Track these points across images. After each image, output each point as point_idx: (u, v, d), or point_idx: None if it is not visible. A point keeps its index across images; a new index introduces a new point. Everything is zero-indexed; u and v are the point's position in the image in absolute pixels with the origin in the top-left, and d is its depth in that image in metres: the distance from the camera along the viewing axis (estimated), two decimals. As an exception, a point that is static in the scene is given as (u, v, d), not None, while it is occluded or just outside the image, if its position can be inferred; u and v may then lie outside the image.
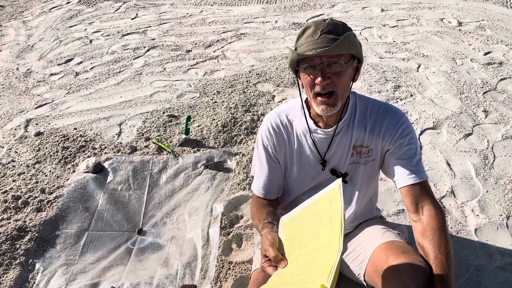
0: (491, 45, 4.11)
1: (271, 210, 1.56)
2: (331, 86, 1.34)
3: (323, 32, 1.32)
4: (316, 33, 1.32)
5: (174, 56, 4.07)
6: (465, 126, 2.89)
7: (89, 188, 2.41)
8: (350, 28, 1.37)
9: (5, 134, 2.95)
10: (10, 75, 3.87)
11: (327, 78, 1.33)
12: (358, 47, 1.37)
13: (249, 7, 5.51)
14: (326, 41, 1.30)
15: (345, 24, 1.37)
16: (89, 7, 5.68)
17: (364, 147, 1.50)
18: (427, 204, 1.41)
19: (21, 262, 1.99)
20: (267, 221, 1.45)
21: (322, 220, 1.20)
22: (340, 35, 1.31)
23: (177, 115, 3.07)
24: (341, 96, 1.37)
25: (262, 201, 1.60)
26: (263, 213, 1.53)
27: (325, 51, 1.28)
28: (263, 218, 1.48)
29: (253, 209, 1.60)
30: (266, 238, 1.32)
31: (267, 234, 1.35)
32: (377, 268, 1.40)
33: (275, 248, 1.27)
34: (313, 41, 1.32)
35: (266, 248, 1.29)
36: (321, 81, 1.33)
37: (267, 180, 1.59)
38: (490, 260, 1.94)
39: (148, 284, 1.89)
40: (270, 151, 1.57)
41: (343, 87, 1.37)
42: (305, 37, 1.35)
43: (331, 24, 1.33)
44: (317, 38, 1.32)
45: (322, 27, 1.32)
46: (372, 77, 3.55)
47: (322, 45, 1.30)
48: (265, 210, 1.55)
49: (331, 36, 1.31)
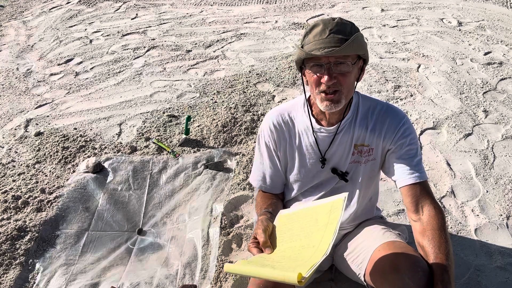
0: (491, 45, 4.11)
1: (275, 202, 1.59)
2: (336, 85, 1.35)
3: (331, 32, 1.31)
4: (325, 32, 1.32)
5: (174, 56, 4.07)
6: (465, 126, 2.89)
7: (89, 188, 2.41)
8: (358, 29, 1.37)
9: (5, 134, 2.95)
10: (10, 75, 3.87)
11: (334, 77, 1.34)
12: (365, 48, 1.38)
13: (249, 7, 5.51)
14: (335, 41, 1.30)
15: (353, 24, 1.37)
16: (89, 7, 5.68)
17: (365, 146, 1.50)
18: (427, 204, 1.41)
19: (21, 262, 1.99)
20: (267, 210, 1.48)
21: (318, 225, 1.25)
22: (348, 35, 1.31)
23: (177, 115, 3.07)
24: (346, 95, 1.39)
25: (266, 194, 1.65)
26: (265, 203, 1.57)
27: (333, 52, 1.29)
28: (264, 207, 1.52)
29: (257, 199, 1.64)
30: (262, 223, 1.35)
31: (264, 220, 1.38)
32: (378, 268, 1.40)
33: (266, 234, 1.30)
34: (322, 40, 1.32)
35: (258, 232, 1.32)
36: (328, 80, 1.34)
37: (267, 174, 1.63)
38: (490, 260, 1.94)
39: (148, 284, 1.89)
40: (271, 148, 1.59)
41: (348, 87, 1.38)
42: (313, 35, 1.35)
43: (340, 24, 1.33)
44: (326, 37, 1.32)
45: (331, 26, 1.32)
46: (372, 77, 3.55)
47: (330, 44, 1.30)
48: (268, 201, 1.58)
49: (340, 36, 1.31)
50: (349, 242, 1.63)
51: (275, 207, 1.53)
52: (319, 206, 1.32)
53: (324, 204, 1.31)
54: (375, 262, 1.43)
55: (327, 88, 1.35)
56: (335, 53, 1.29)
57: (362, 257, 1.51)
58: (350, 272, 1.59)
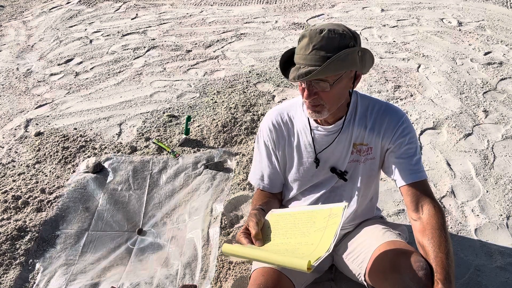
0: (491, 45, 4.11)
1: (270, 201, 1.59)
2: (318, 100, 1.34)
3: (314, 48, 1.27)
4: (308, 48, 1.28)
5: (174, 56, 4.07)
6: (465, 126, 2.89)
7: (89, 188, 2.41)
8: (350, 40, 1.29)
9: (5, 134, 2.95)
10: (10, 75, 3.87)
11: (314, 93, 1.33)
12: (357, 62, 1.30)
13: (249, 7, 5.51)
14: (315, 60, 1.26)
15: (343, 35, 1.28)
16: (89, 7, 5.68)
17: (364, 145, 1.50)
18: (427, 203, 1.41)
19: (21, 262, 1.99)
20: (261, 207, 1.49)
21: (316, 226, 1.26)
22: (333, 52, 1.25)
23: (177, 115, 3.07)
24: (329, 107, 1.37)
25: (263, 192, 1.65)
26: (260, 200, 1.58)
27: (308, 78, 1.25)
28: (259, 204, 1.52)
29: (254, 196, 1.66)
30: (254, 216, 1.36)
31: (256, 214, 1.38)
32: (378, 268, 1.40)
33: (258, 227, 1.32)
34: (304, 56, 1.29)
35: (251, 224, 1.33)
36: (307, 96, 1.33)
37: (265, 173, 1.63)
38: (490, 260, 1.94)
39: (148, 284, 1.89)
40: (270, 147, 1.60)
41: (332, 101, 1.36)
42: (300, 46, 1.32)
43: (326, 38, 1.27)
44: (308, 53, 1.28)
45: (315, 42, 1.27)
46: (372, 77, 3.55)
47: (311, 63, 1.27)
48: (264, 199, 1.59)
49: (322, 54, 1.26)
50: (349, 242, 1.63)
51: (269, 206, 1.54)
52: (317, 211, 1.33)
53: (321, 210, 1.32)
54: (376, 262, 1.43)
55: (309, 102, 1.35)
56: (310, 77, 1.25)
57: (362, 257, 1.51)
58: (350, 272, 1.59)
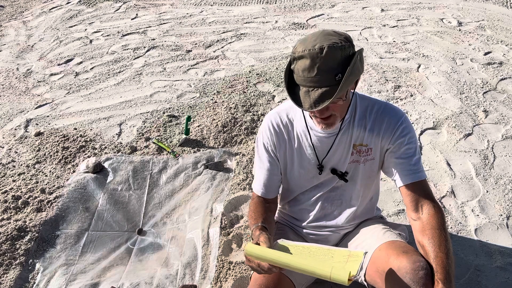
0: (491, 45, 4.11)
1: (267, 212, 1.56)
2: (329, 112, 1.34)
3: (320, 69, 1.22)
4: (313, 69, 1.22)
5: (174, 56, 4.07)
6: (465, 126, 2.89)
7: (89, 188, 2.41)
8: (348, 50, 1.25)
9: (5, 134, 2.95)
10: (10, 75, 3.87)
11: (326, 109, 1.31)
12: (360, 69, 1.28)
13: (249, 7, 5.51)
14: (324, 80, 1.22)
15: (343, 47, 1.23)
16: (89, 7, 5.68)
17: (364, 145, 1.50)
18: (426, 203, 1.41)
19: (21, 262, 1.99)
20: (260, 224, 1.46)
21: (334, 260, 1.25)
22: (339, 67, 1.22)
23: (177, 115, 3.07)
24: (340, 116, 1.40)
25: (260, 200, 1.60)
26: (258, 213, 1.54)
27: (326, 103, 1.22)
28: (257, 221, 1.49)
29: (251, 207, 1.60)
30: (263, 236, 1.36)
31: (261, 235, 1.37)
32: (378, 268, 1.40)
33: (271, 243, 1.33)
34: (310, 78, 1.23)
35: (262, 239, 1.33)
36: (321, 114, 1.34)
37: (266, 179, 1.60)
38: (490, 260, 1.94)
39: (148, 284, 1.89)
40: (270, 150, 1.58)
41: (342, 110, 1.39)
42: (301, 68, 1.25)
43: (329, 56, 1.21)
44: (314, 75, 1.23)
45: (319, 62, 1.21)
46: (372, 77, 3.55)
47: (321, 85, 1.22)
48: (261, 211, 1.55)
49: (330, 73, 1.22)
50: (349, 242, 1.63)
51: (268, 218, 1.52)
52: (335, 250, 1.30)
53: (341, 250, 1.30)
54: (376, 262, 1.43)
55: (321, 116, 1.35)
56: (331, 102, 1.23)
57: (362, 257, 1.51)
58: (350, 272, 1.59)
